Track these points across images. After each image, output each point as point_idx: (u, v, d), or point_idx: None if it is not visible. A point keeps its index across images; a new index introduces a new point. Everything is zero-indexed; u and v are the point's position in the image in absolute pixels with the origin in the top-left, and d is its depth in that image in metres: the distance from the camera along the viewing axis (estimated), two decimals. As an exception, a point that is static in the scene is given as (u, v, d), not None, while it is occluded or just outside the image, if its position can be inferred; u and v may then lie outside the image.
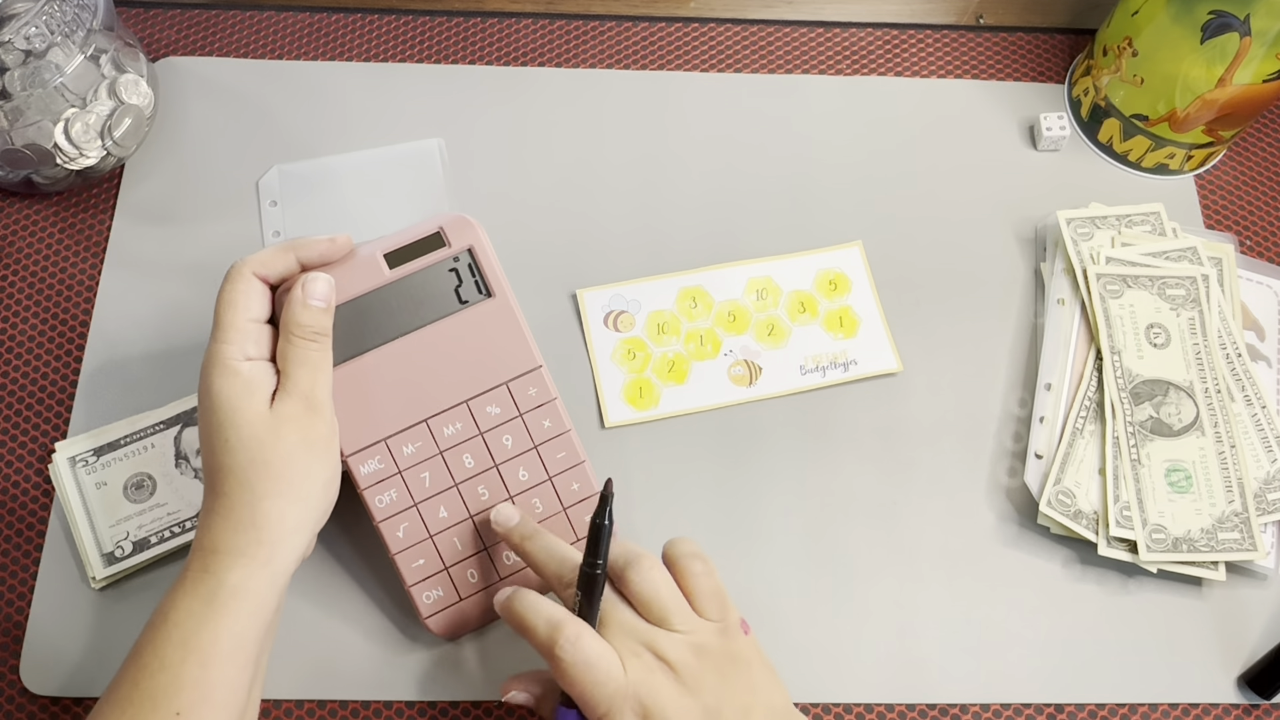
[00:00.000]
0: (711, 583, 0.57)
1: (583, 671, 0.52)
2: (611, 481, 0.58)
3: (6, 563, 0.67)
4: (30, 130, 0.72)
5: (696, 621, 0.55)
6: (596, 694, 0.52)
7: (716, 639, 0.55)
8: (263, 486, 0.53)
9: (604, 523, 0.56)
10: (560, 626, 0.53)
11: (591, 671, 0.52)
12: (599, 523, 0.56)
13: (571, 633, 0.53)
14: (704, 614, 0.56)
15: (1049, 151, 0.83)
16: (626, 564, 0.56)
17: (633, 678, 0.53)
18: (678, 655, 0.54)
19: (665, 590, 0.55)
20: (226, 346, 0.55)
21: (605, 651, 0.53)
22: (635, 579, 0.55)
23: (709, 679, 0.54)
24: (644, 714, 0.52)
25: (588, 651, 0.53)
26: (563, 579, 0.57)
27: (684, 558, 0.57)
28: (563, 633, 0.53)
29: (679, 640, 0.54)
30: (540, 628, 0.54)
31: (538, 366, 0.63)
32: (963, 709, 0.66)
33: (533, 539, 0.60)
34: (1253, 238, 0.80)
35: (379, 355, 0.61)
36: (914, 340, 0.75)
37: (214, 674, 0.51)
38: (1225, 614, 0.68)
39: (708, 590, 0.56)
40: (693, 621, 0.55)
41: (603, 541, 0.56)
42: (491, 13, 0.87)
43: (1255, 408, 0.70)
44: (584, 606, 0.55)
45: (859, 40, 0.87)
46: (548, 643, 0.53)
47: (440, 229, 0.61)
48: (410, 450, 0.62)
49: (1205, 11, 0.70)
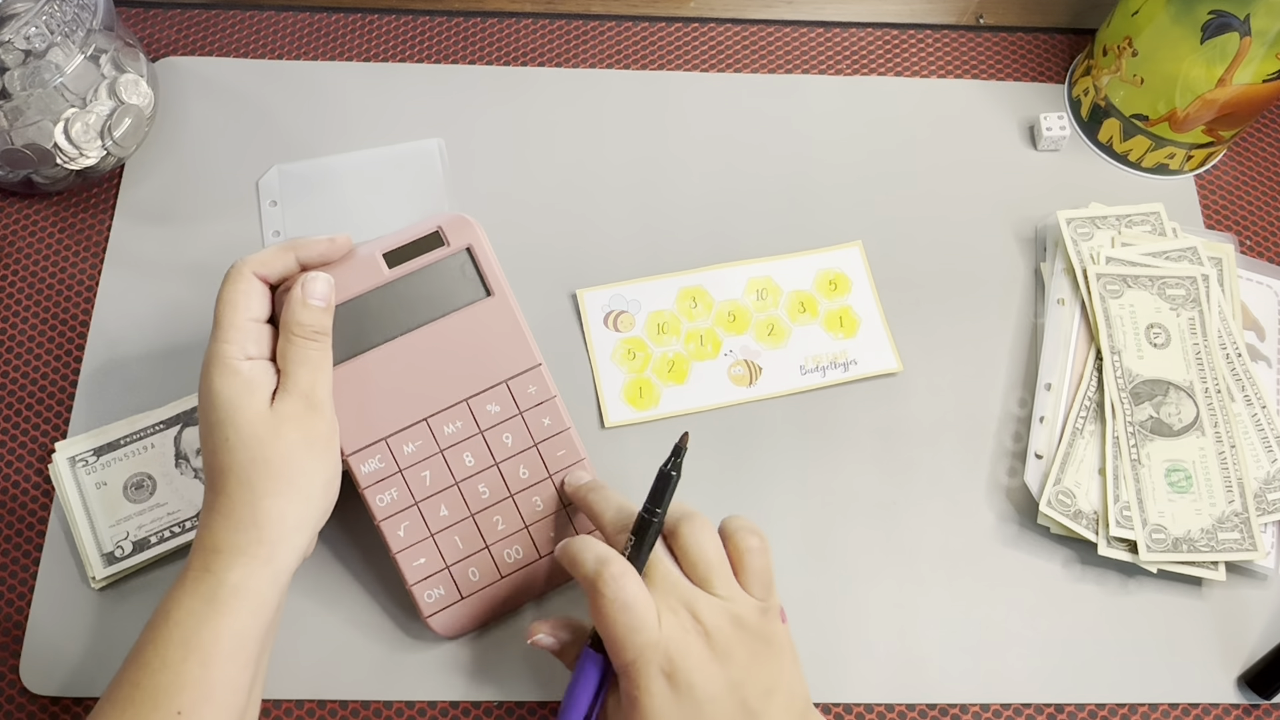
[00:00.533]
0: (763, 560, 0.56)
1: (619, 612, 0.52)
2: (687, 435, 0.58)
3: (6, 563, 0.67)
4: (30, 130, 0.72)
5: (738, 591, 0.55)
6: (628, 639, 0.52)
7: (755, 615, 0.54)
8: (263, 485, 0.53)
9: (671, 472, 0.56)
10: (607, 562, 0.53)
11: (628, 614, 0.52)
12: (666, 470, 0.56)
13: (617, 570, 0.53)
14: (749, 589, 0.55)
15: (1049, 151, 0.83)
16: (681, 518, 0.56)
17: (666, 632, 0.52)
18: (714, 620, 0.53)
19: (713, 552, 0.55)
20: (227, 346, 0.55)
21: (645, 598, 0.53)
22: (687, 534, 0.55)
23: (739, 652, 0.53)
24: (670, 670, 0.52)
25: (629, 593, 0.52)
26: (618, 524, 0.57)
27: (740, 530, 0.56)
28: (609, 568, 0.53)
29: (718, 606, 0.54)
30: (589, 562, 0.54)
31: (537, 365, 0.63)
32: (963, 709, 0.66)
33: (597, 490, 0.61)
34: (1253, 238, 0.80)
35: (379, 354, 0.61)
36: (914, 340, 0.75)
37: (215, 673, 0.51)
38: (1225, 614, 0.68)
39: (758, 566, 0.56)
40: (735, 591, 0.55)
41: (667, 490, 0.56)
42: (491, 13, 0.87)
43: (1255, 408, 0.70)
44: (634, 551, 0.55)
45: (859, 40, 0.87)
46: (592, 576, 0.53)
47: (439, 228, 0.61)
48: (410, 449, 0.62)
49: (1205, 11, 0.70)
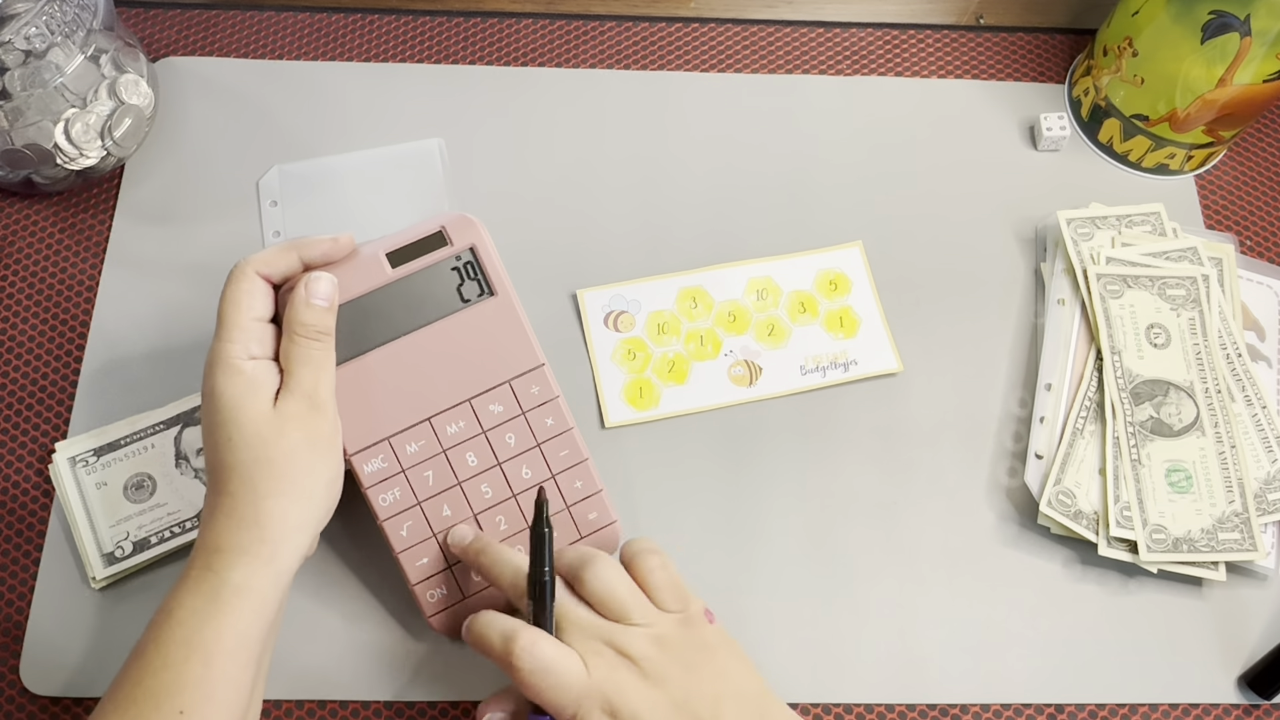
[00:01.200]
0: (667, 575, 0.57)
1: (542, 677, 0.52)
2: (544, 489, 0.59)
3: (6, 563, 0.67)
4: (30, 130, 0.72)
5: (656, 614, 0.56)
6: (561, 697, 0.52)
7: (678, 629, 0.55)
8: (266, 485, 0.53)
9: (543, 529, 0.56)
10: (514, 636, 0.53)
11: (551, 676, 0.52)
12: (539, 530, 0.56)
13: (526, 640, 0.53)
14: (663, 606, 0.56)
15: (1049, 151, 0.83)
16: (581, 565, 0.56)
17: (595, 676, 0.53)
18: (639, 649, 0.54)
19: (621, 586, 0.56)
20: (230, 345, 0.55)
21: (564, 654, 0.53)
22: (589, 578, 0.55)
23: (674, 670, 0.54)
24: (611, 711, 0.52)
25: (545, 657, 0.52)
26: (518, 589, 0.57)
27: (639, 554, 0.57)
28: (517, 642, 0.53)
29: (639, 634, 0.54)
30: (495, 641, 0.54)
31: (540, 365, 0.63)
32: (963, 709, 0.66)
33: (485, 552, 0.60)
34: (1253, 238, 0.80)
35: (382, 354, 0.61)
36: (914, 340, 0.75)
37: (217, 672, 0.51)
38: (1225, 614, 0.68)
39: (664, 582, 0.56)
40: (652, 614, 0.55)
41: (545, 548, 0.56)
42: (491, 13, 0.87)
43: (1255, 408, 0.70)
44: (538, 614, 0.55)
45: (859, 40, 0.87)
46: (504, 654, 0.53)
47: (442, 228, 0.61)
48: (413, 449, 0.62)
49: (1205, 11, 0.70)
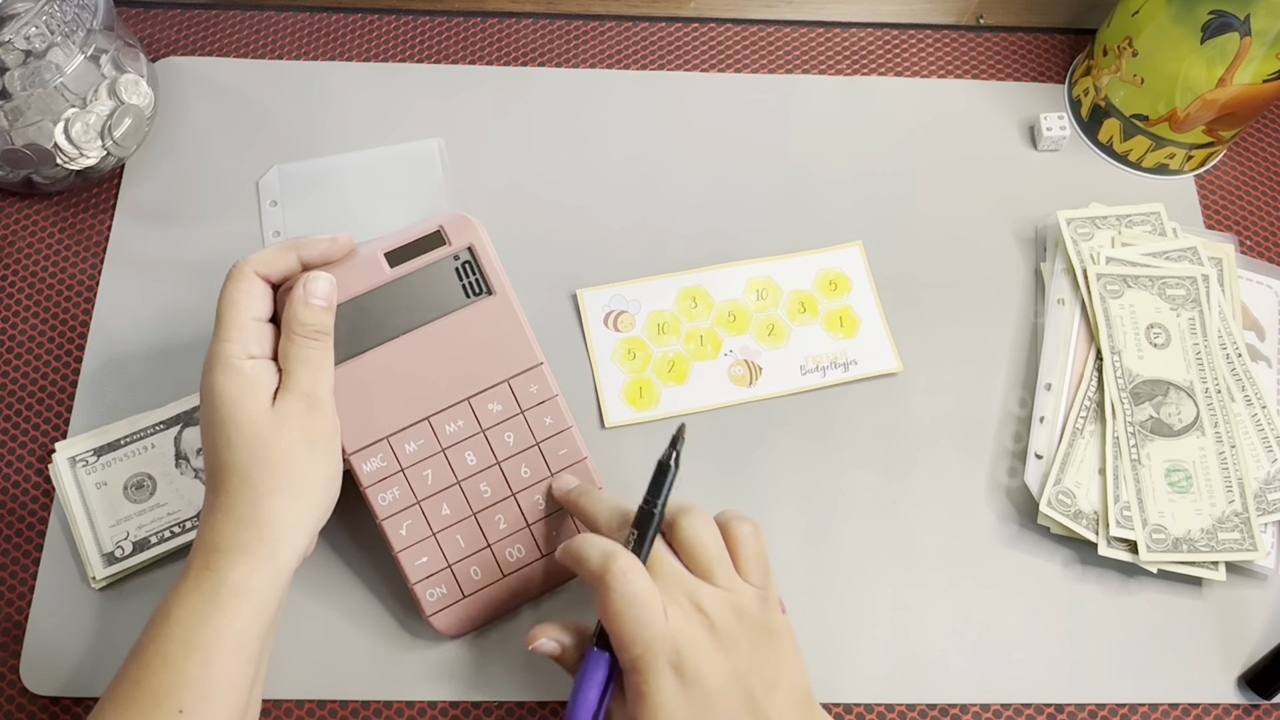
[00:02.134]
0: (758, 545, 0.56)
1: (628, 606, 0.52)
2: (685, 425, 0.58)
3: (6, 563, 0.67)
4: (30, 130, 0.72)
5: (738, 581, 0.55)
6: (636, 633, 0.52)
7: (756, 605, 0.55)
8: (264, 484, 0.53)
9: (669, 463, 0.56)
10: (614, 556, 0.53)
11: (635, 608, 0.52)
12: (665, 462, 0.56)
13: (624, 563, 0.52)
14: (746, 576, 0.55)
15: (1049, 151, 0.83)
16: (679, 511, 0.56)
17: (673, 624, 0.52)
18: (718, 611, 0.53)
19: (712, 543, 0.55)
20: (229, 345, 0.55)
21: (652, 591, 0.52)
22: (685, 526, 0.55)
23: (743, 642, 0.53)
24: (678, 663, 0.52)
25: (636, 586, 0.52)
26: (612, 525, 0.57)
27: (734, 519, 0.57)
28: (616, 562, 0.52)
29: (721, 596, 0.54)
30: (594, 557, 0.53)
31: (539, 364, 0.63)
32: (963, 709, 0.66)
33: (587, 494, 0.61)
34: (1253, 238, 0.80)
35: (380, 353, 0.61)
36: (914, 340, 0.75)
37: (216, 671, 0.51)
38: (1225, 614, 0.68)
39: (753, 552, 0.56)
40: (734, 580, 0.55)
41: (666, 481, 0.56)
42: (491, 13, 0.87)
43: (1255, 408, 0.70)
44: (637, 544, 0.55)
45: (859, 40, 0.87)
46: (600, 571, 0.53)
47: (440, 227, 0.61)
48: (412, 448, 0.62)
49: (1205, 11, 0.70)
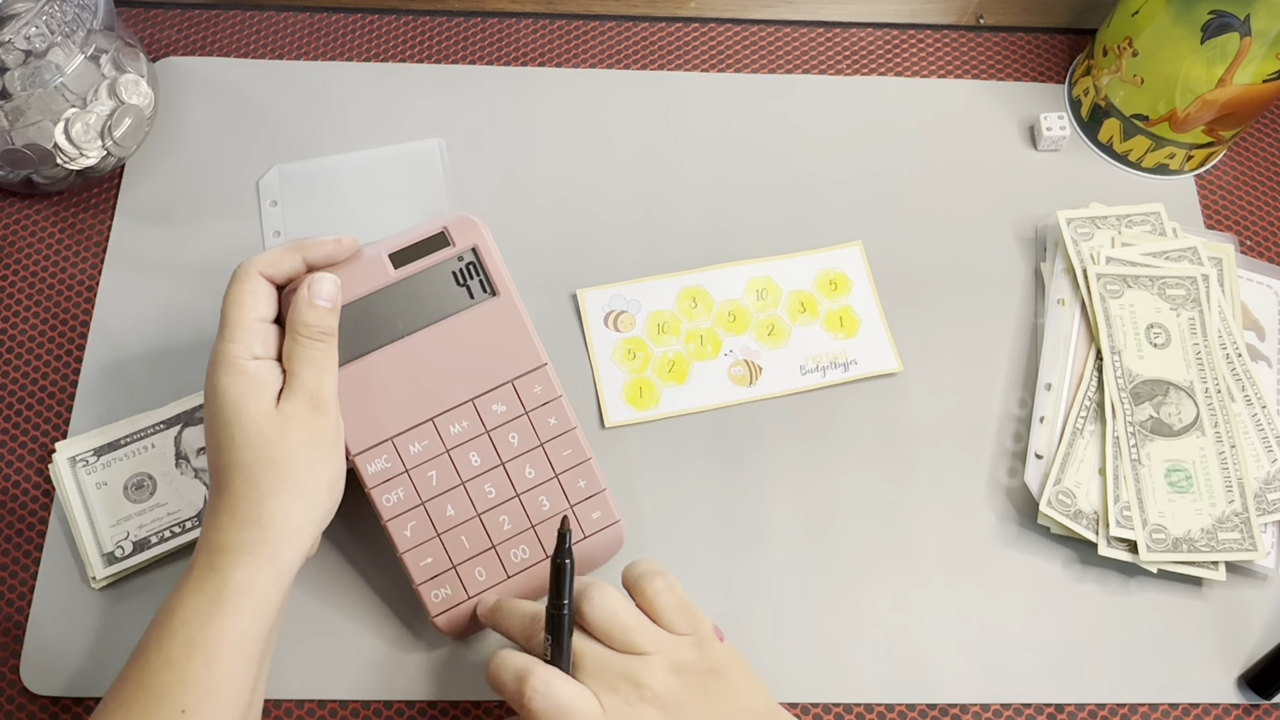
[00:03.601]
0: (674, 596, 0.55)
1: (556, 717, 0.51)
2: (567, 519, 0.57)
3: (6, 563, 0.67)
4: (30, 130, 0.72)
5: (667, 639, 0.54)
6: None
7: (693, 653, 0.54)
8: (268, 485, 0.53)
9: (564, 561, 0.55)
10: (527, 676, 0.52)
11: (565, 716, 0.51)
12: (559, 562, 0.55)
13: (540, 680, 0.52)
14: (673, 630, 0.55)
15: (1049, 151, 0.83)
16: (581, 596, 0.55)
17: (612, 715, 0.52)
18: (658, 681, 0.53)
19: (624, 614, 0.54)
20: (233, 345, 0.55)
21: (578, 693, 0.52)
22: (589, 610, 0.54)
23: (691, 698, 0.53)
24: None
25: (559, 697, 0.51)
26: (527, 633, 0.56)
27: (641, 578, 0.56)
28: (529, 681, 0.52)
29: (655, 664, 0.53)
30: (509, 681, 0.53)
31: (543, 364, 0.63)
32: (963, 709, 0.66)
33: (498, 608, 0.60)
34: (1253, 238, 0.80)
35: (385, 354, 0.61)
36: (914, 340, 0.75)
37: (219, 672, 0.51)
38: (1225, 614, 0.68)
39: (671, 605, 0.55)
40: (664, 640, 0.54)
41: (565, 580, 0.54)
42: (491, 13, 0.87)
43: (1255, 408, 0.71)
44: (554, 651, 0.54)
45: (859, 40, 0.87)
46: (517, 695, 0.52)
47: (445, 229, 0.61)
48: (417, 449, 0.62)
49: (1205, 11, 0.70)
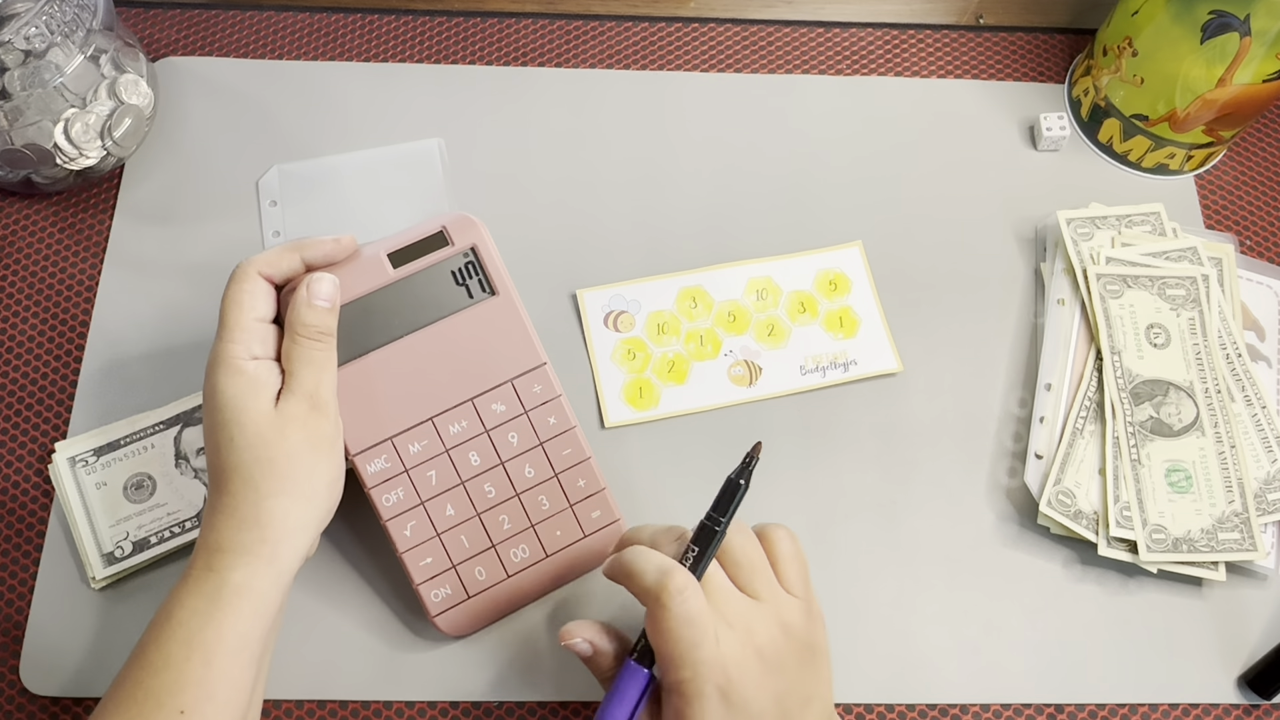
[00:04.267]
0: (800, 560, 0.55)
1: (683, 626, 0.50)
2: (760, 445, 0.57)
3: (6, 563, 0.67)
4: (30, 130, 0.72)
5: (782, 594, 0.54)
6: (687, 655, 0.50)
7: (802, 620, 0.54)
8: (267, 485, 0.53)
9: (740, 481, 0.55)
10: (671, 574, 0.51)
11: (691, 629, 0.50)
12: (736, 479, 0.55)
13: (681, 582, 0.51)
14: (789, 586, 0.54)
15: (1049, 151, 0.83)
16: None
17: (725, 649, 0.51)
18: (768, 633, 0.52)
19: (757, 556, 0.54)
20: (232, 345, 0.55)
21: (708, 613, 0.51)
22: (733, 538, 0.54)
23: (789, 663, 0.53)
24: (726, 688, 0.51)
25: (692, 607, 0.50)
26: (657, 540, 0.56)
27: (771, 528, 0.55)
28: (673, 580, 0.51)
29: (770, 616, 0.53)
30: (649, 573, 0.52)
31: (542, 364, 0.63)
32: (963, 709, 0.66)
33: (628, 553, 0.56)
34: (1253, 238, 0.80)
35: (384, 354, 0.61)
36: (914, 340, 0.75)
37: (217, 672, 0.51)
38: (1225, 614, 0.68)
39: (796, 566, 0.55)
40: (778, 593, 0.54)
41: (735, 500, 0.54)
42: (491, 13, 0.87)
43: (1255, 408, 0.71)
44: (696, 562, 0.53)
45: (859, 40, 0.87)
46: (655, 589, 0.51)
47: (443, 228, 0.61)
48: (416, 449, 0.62)
49: (1205, 11, 0.70)
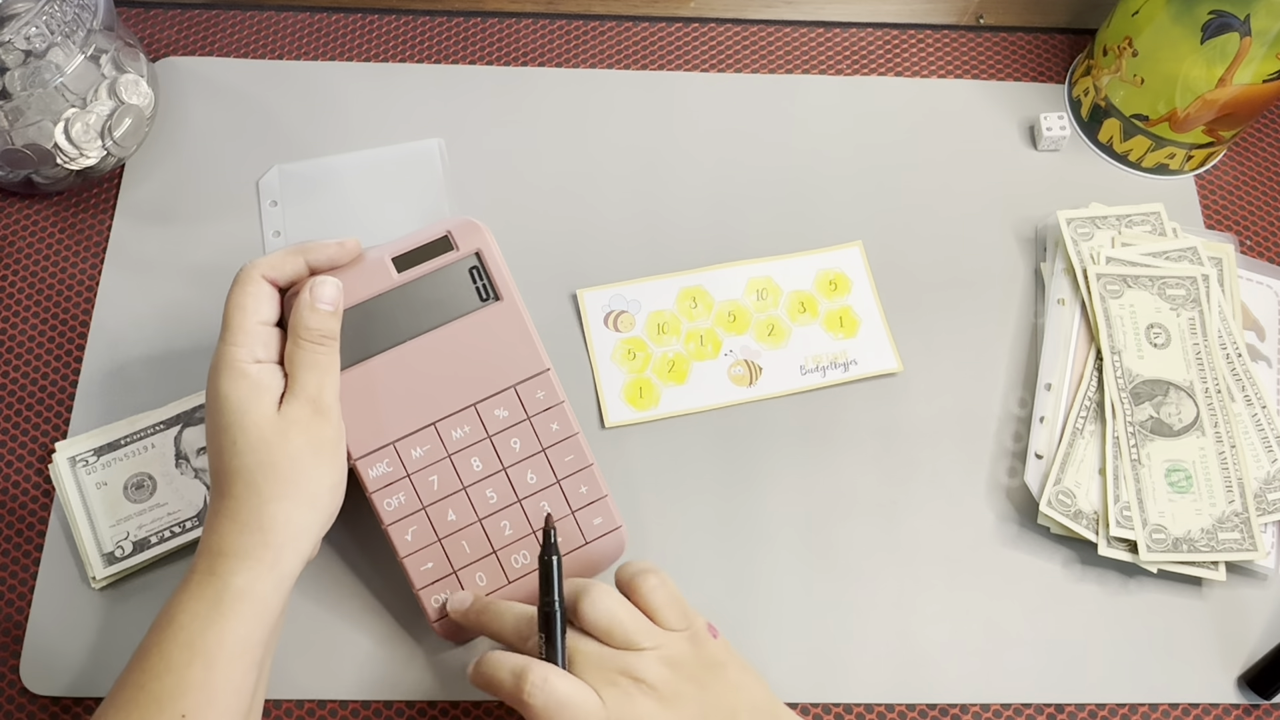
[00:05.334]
0: (668, 593, 0.56)
1: (556, 712, 0.51)
2: (551, 516, 0.57)
3: (6, 563, 0.67)
4: (30, 130, 0.71)
5: (663, 635, 0.55)
6: None
7: (688, 648, 0.55)
8: (269, 489, 0.54)
9: (551, 558, 0.55)
10: (524, 673, 0.52)
11: (566, 711, 0.51)
12: (546, 559, 0.55)
13: (538, 676, 0.52)
14: (668, 626, 0.55)
15: (1049, 151, 0.83)
16: (577, 597, 0.55)
17: (612, 708, 0.52)
18: (653, 673, 0.53)
19: (622, 613, 0.54)
20: (235, 349, 0.55)
21: (577, 688, 0.52)
22: (588, 609, 0.54)
23: (689, 689, 0.53)
24: None
25: (559, 692, 0.51)
26: (522, 634, 0.56)
27: (635, 576, 0.56)
28: (528, 678, 0.52)
29: (650, 658, 0.53)
30: (506, 679, 0.53)
31: (546, 370, 0.63)
32: (963, 709, 0.66)
33: (485, 610, 0.59)
34: (1253, 238, 0.80)
35: (387, 359, 0.61)
36: (914, 340, 0.75)
37: (219, 676, 0.51)
38: (1225, 614, 0.68)
39: (665, 601, 0.55)
40: (659, 636, 0.54)
41: (554, 576, 0.55)
42: (491, 13, 0.86)
43: (1255, 408, 0.71)
44: (548, 648, 0.54)
45: (859, 40, 0.87)
46: (514, 692, 0.52)
47: (448, 232, 0.61)
48: (418, 453, 0.62)
49: (1205, 11, 0.70)
